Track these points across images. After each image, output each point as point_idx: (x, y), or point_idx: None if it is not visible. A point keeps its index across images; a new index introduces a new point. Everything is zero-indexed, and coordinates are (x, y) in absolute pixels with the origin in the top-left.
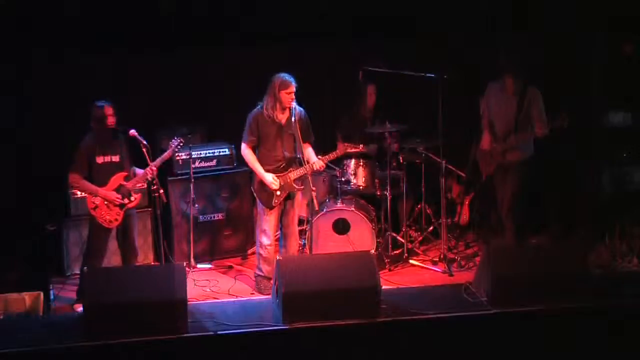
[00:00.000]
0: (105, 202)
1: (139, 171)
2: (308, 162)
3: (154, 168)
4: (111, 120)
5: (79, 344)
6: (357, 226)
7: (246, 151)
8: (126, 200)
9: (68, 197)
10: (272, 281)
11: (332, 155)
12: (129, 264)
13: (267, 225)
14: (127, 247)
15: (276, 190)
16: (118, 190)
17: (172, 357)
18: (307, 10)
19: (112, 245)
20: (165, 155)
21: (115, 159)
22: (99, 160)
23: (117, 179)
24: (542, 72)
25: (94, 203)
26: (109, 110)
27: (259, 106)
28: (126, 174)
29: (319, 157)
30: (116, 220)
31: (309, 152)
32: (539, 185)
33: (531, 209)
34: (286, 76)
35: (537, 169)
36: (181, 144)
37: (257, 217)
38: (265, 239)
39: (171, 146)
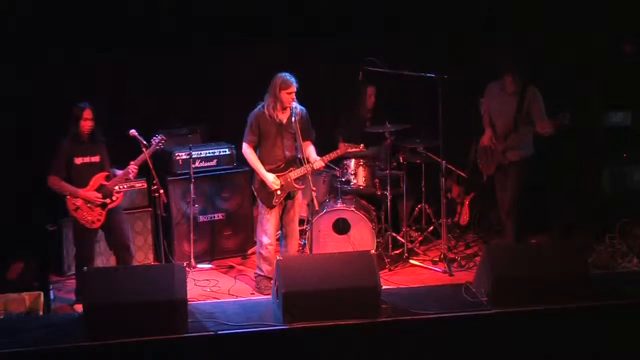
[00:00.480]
0: (87, 203)
1: (119, 172)
2: (308, 161)
3: (135, 167)
4: (88, 125)
5: (79, 344)
6: (357, 226)
7: (247, 150)
8: (108, 200)
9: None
10: (272, 281)
11: (332, 155)
12: (123, 262)
13: (267, 225)
14: (117, 246)
15: (277, 190)
16: (99, 190)
17: (172, 357)
18: (307, 10)
19: None
20: (147, 153)
21: (95, 159)
22: (78, 161)
23: (98, 179)
24: (542, 72)
25: (74, 205)
26: (87, 114)
27: (260, 105)
28: (107, 173)
29: (319, 157)
30: (98, 220)
31: (310, 150)
32: (540, 185)
33: (531, 208)
34: (287, 76)
35: (538, 169)
36: (163, 142)
37: (258, 217)
38: (266, 238)
39: (152, 143)
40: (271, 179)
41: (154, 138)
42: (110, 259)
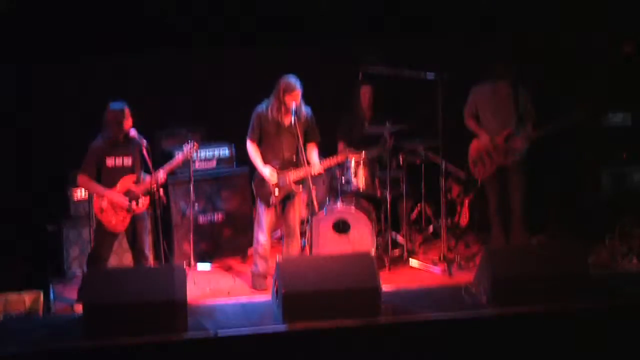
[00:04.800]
0: (113, 206)
1: (148, 177)
2: (309, 164)
3: (164, 174)
4: (129, 124)
5: (79, 344)
6: (357, 226)
7: (250, 146)
8: (133, 204)
9: (68, 197)
10: (268, 278)
11: (332, 161)
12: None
13: (264, 223)
14: (136, 251)
15: (274, 185)
16: (126, 194)
17: (172, 357)
18: (307, 10)
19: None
20: (177, 160)
21: (127, 162)
22: (109, 162)
23: (126, 182)
24: (542, 72)
25: (100, 206)
26: (127, 113)
27: (264, 104)
28: (135, 177)
29: (319, 161)
30: (122, 224)
31: (313, 153)
32: (539, 185)
33: (531, 209)
34: (292, 79)
35: (537, 169)
36: (196, 149)
37: (255, 215)
38: (262, 235)
39: (183, 150)
40: (268, 172)
41: (186, 144)
42: (124, 258)
